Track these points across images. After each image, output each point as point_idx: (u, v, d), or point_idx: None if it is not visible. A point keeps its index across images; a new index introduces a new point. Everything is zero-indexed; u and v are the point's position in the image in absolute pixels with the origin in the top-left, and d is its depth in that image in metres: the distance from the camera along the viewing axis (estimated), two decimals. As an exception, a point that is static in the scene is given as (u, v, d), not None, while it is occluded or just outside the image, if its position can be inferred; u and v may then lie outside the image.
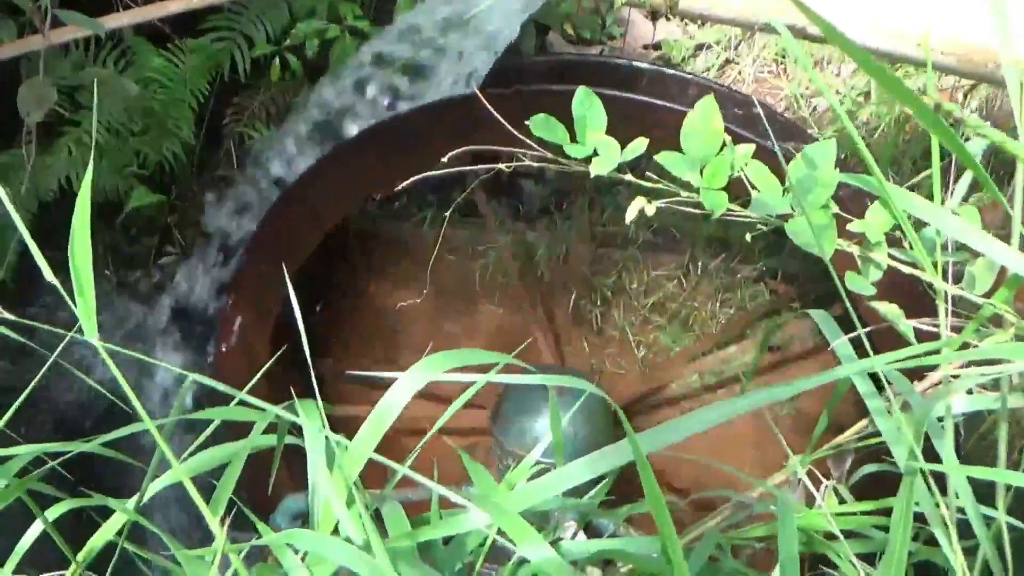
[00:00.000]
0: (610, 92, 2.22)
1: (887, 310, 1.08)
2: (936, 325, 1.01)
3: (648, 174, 1.22)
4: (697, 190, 1.18)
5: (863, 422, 1.35)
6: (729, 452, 3.08)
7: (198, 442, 1.20)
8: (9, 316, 1.14)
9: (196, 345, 3.01)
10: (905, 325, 1.07)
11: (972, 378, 1.05)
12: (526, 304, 3.35)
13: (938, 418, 1.05)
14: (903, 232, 1.00)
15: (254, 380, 1.26)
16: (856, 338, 1.08)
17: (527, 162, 1.28)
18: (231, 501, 1.12)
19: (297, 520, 2.64)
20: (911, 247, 1.00)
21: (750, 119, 2.48)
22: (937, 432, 1.04)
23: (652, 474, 0.84)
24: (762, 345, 3.17)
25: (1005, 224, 1.06)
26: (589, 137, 1.23)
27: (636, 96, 2.58)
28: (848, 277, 1.09)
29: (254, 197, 2.90)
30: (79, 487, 1.24)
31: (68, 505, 1.13)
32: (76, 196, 2.59)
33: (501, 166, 1.32)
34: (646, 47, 3.58)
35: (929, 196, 1.07)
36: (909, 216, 1.01)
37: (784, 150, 1.18)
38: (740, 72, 3.53)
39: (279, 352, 1.56)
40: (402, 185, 1.48)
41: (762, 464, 3.04)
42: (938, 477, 1.05)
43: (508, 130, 1.38)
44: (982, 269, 1.14)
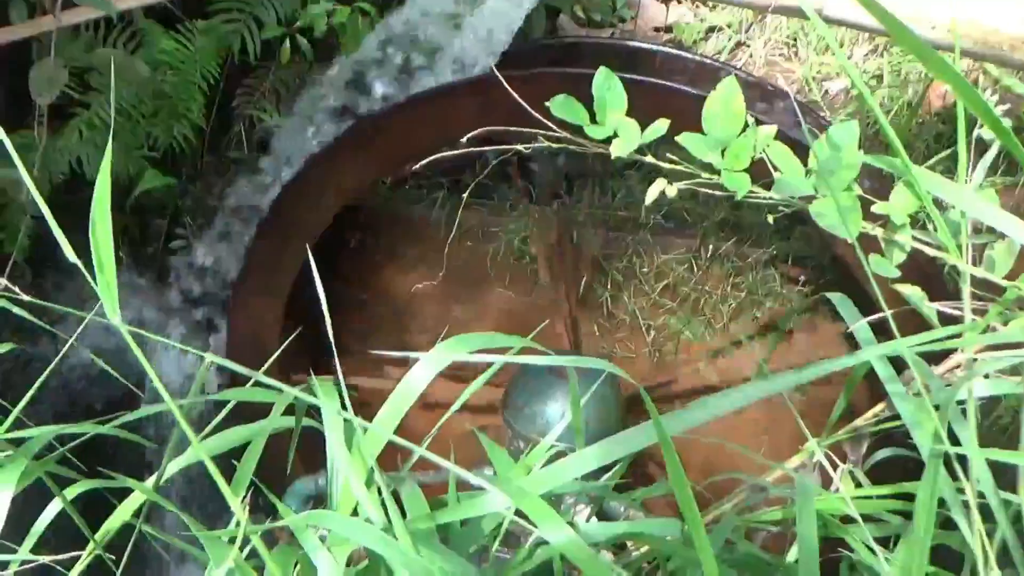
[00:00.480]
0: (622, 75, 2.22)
1: (910, 292, 1.07)
2: (959, 308, 1.00)
3: (669, 155, 1.21)
4: (719, 172, 1.17)
5: (880, 406, 1.34)
6: (740, 437, 3.08)
7: (214, 423, 1.20)
8: (25, 297, 1.14)
9: (207, 326, 3.02)
10: (928, 308, 1.06)
11: (992, 362, 1.05)
12: (536, 287, 3.34)
13: (957, 401, 1.05)
14: (927, 214, 0.99)
15: (269, 362, 1.27)
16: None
17: (545, 143, 1.27)
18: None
19: (308, 502, 2.65)
20: (935, 229, 0.99)
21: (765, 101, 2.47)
22: (957, 416, 1.04)
23: (676, 457, 0.84)
24: (778, 330, 3.17)
25: (1019, 207, 1.06)
26: (609, 118, 1.23)
27: (648, 78, 2.57)
28: (872, 259, 1.08)
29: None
30: (94, 468, 1.24)
31: (86, 485, 1.13)
32: (87, 178, 2.60)
33: (519, 147, 1.31)
34: (657, 29, 3.57)
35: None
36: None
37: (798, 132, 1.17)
38: (751, 55, 3.52)
39: (293, 335, 1.55)
40: (417, 166, 1.47)
41: (773, 448, 3.04)
42: (950, 461, 1.04)
43: (519, 112, 1.37)
44: (1003, 252, 1.13)
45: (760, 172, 1.24)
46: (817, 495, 1.23)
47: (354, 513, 0.99)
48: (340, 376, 1.03)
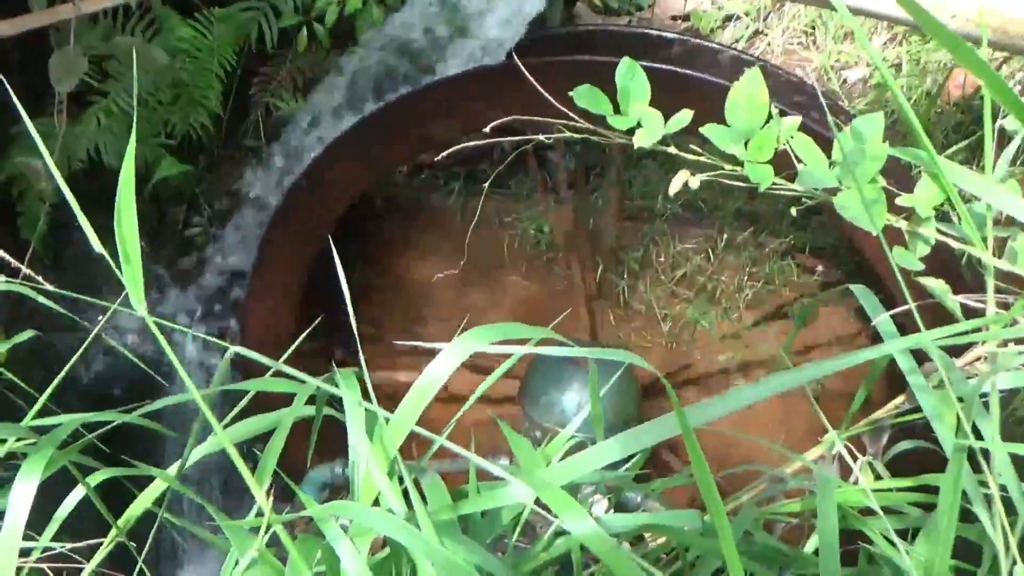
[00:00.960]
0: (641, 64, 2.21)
1: (934, 285, 1.07)
2: (983, 301, 1.00)
3: (691, 146, 1.20)
4: (741, 163, 1.17)
5: (900, 398, 1.34)
6: (756, 426, 3.08)
7: (235, 411, 1.21)
8: (49, 287, 1.15)
9: (224, 314, 3.03)
10: (952, 300, 1.06)
11: (1014, 355, 1.04)
12: (552, 276, 3.34)
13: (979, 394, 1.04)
14: (951, 206, 0.99)
15: (288, 351, 1.27)
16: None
17: (566, 134, 1.26)
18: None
19: (324, 490, 2.66)
20: (960, 221, 0.98)
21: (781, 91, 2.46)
22: (979, 409, 1.03)
23: (699, 449, 0.84)
24: (799, 321, 3.15)
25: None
26: (632, 108, 1.22)
27: (667, 67, 2.56)
28: (896, 252, 1.08)
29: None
30: (116, 455, 1.24)
31: (108, 473, 1.14)
32: (105, 165, 2.60)
33: (539, 137, 1.30)
34: (674, 18, 3.55)
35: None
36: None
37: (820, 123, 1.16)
38: (769, 43, 3.50)
39: (313, 324, 1.56)
40: (436, 158, 1.46)
41: (789, 440, 3.03)
42: (972, 453, 1.04)
43: (537, 101, 1.37)
44: (1026, 244, 1.13)
45: (782, 163, 1.23)
46: (837, 487, 1.23)
47: (376, 503, 0.99)
48: (364, 367, 1.03)
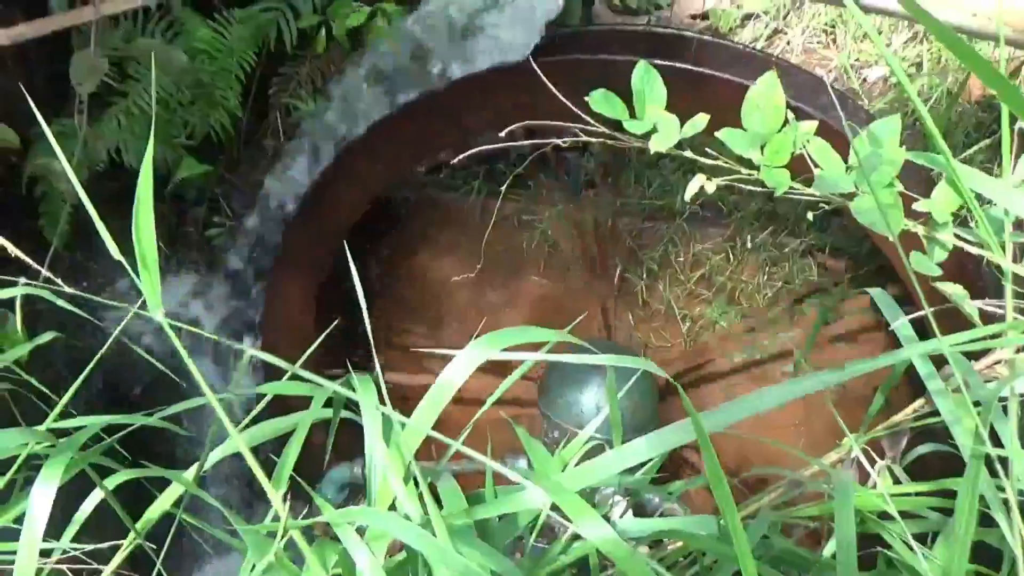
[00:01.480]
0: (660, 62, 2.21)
1: (952, 291, 1.06)
2: (1001, 306, 0.99)
3: (708, 149, 1.20)
4: (758, 168, 1.16)
5: (919, 401, 1.33)
6: (774, 428, 3.07)
7: (253, 413, 1.21)
8: (69, 290, 1.15)
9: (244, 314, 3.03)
10: (970, 306, 1.05)
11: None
12: (569, 276, 3.34)
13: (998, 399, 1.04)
14: (969, 211, 0.98)
15: (307, 354, 1.27)
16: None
17: (583, 138, 1.26)
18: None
19: (344, 490, 2.67)
20: (977, 226, 0.98)
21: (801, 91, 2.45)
22: (998, 413, 1.03)
23: (715, 455, 0.84)
24: (819, 321, 3.14)
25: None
26: (648, 112, 1.22)
27: (686, 65, 2.55)
28: (913, 257, 1.07)
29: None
30: (134, 459, 1.25)
31: (126, 475, 1.14)
32: (125, 166, 2.60)
33: (557, 141, 1.30)
34: (693, 17, 3.54)
35: (983, 171, 1.05)
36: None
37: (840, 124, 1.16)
38: (789, 42, 3.48)
39: (331, 326, 1.56)
40: (455, 160, 1.46)
41: (810, 439, 3.03)
42: (990, 458, 1.03)
43: (555, 100, 1.36)
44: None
45: (799, 167, 1.22)
46: (855, 491, 1.22)
47: (392, 507, 1.00)
48: (379, 371, 1.04)
